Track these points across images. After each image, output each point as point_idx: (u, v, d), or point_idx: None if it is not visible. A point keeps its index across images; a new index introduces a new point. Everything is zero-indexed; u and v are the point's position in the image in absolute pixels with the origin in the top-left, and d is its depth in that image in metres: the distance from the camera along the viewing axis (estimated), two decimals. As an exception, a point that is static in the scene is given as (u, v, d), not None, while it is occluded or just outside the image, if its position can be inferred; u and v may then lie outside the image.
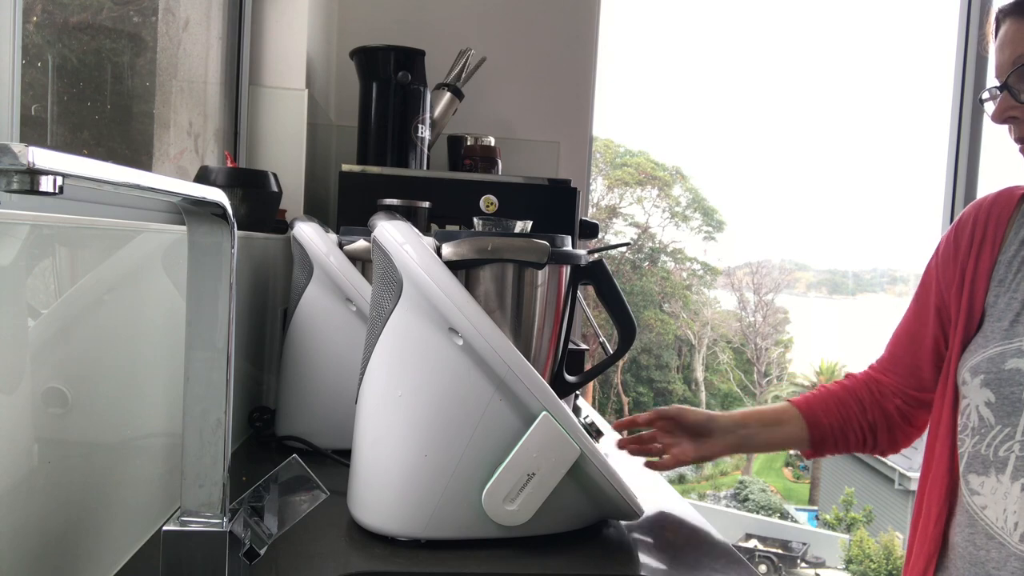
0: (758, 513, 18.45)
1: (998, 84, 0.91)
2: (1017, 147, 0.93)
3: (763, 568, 15.32)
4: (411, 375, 0.86)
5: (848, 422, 1.09)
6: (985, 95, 0.95)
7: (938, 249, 1.04)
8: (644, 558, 0.89)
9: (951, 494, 0.96)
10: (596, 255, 1.09)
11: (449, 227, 1.43)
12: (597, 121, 2.33)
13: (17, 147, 0.35)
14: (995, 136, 1.00)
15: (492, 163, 1.84)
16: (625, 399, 24.13)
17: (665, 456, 1.07)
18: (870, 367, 1.14)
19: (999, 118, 0.91)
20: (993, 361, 0.89)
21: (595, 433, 0.95)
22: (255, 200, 1.29)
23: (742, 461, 23.79)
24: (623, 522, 0.98)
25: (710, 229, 26.52)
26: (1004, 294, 0.93)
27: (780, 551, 15.91)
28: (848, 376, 1.16)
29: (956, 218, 1.04)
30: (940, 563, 0.96)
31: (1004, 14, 0.91)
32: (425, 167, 1.74)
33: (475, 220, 1.10)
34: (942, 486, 0.96)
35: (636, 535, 0.95)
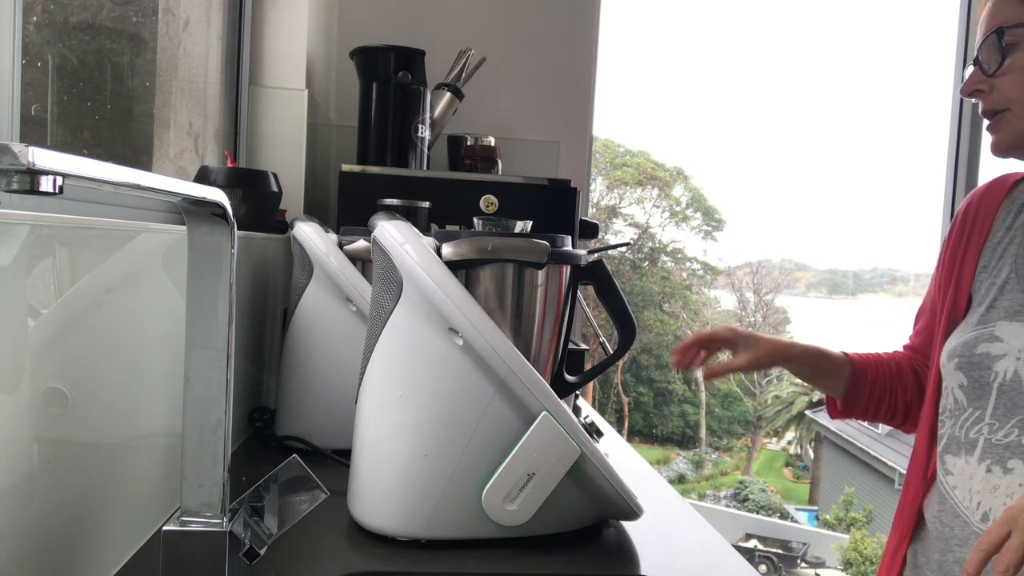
0: (758, 513, 18.45)
1: (973, 62, 0.93)
2: (985, 122, 0.94)
3: (763, 568, 15.31)
4: (411, 375, 0.86)
5: (891, 394, 1.09)
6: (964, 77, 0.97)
7: (949, 232, 1.06)
8: (644, 558, 0.89)
9: (928, 474, 0.99)
10: (596, 255, 1.09)
11: (449, 227, 1.43)
12: (597, 121, 2.33)
13: (17, 147, 0.35)
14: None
15: (492, 163, 1.84)
16: (625, 399, 24.13)
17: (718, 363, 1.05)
18: (905, 345, 1.14)
19: (966, 91, 0.93)
20: (967, 345, 0.92)
21: (595, 433, 0.95)
22: (255, 200, 1.29)
23: (742, 461, 23.79)
24: (623, 522, 0.98)
25: (710, 229, 26.53)
26: (986, 280, 0.95)
27: (780, 551, 15.91)
28: (897, 353, 1.14)
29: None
30: (915, 538, 0.99)
31: None
32: (425, 167, 1.74)
33: (475, 220, 1.10)
34: (920, 466, 0.99)
35: (636, 535, 0.95)
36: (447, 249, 0.89)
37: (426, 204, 1.38)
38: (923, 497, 0.98)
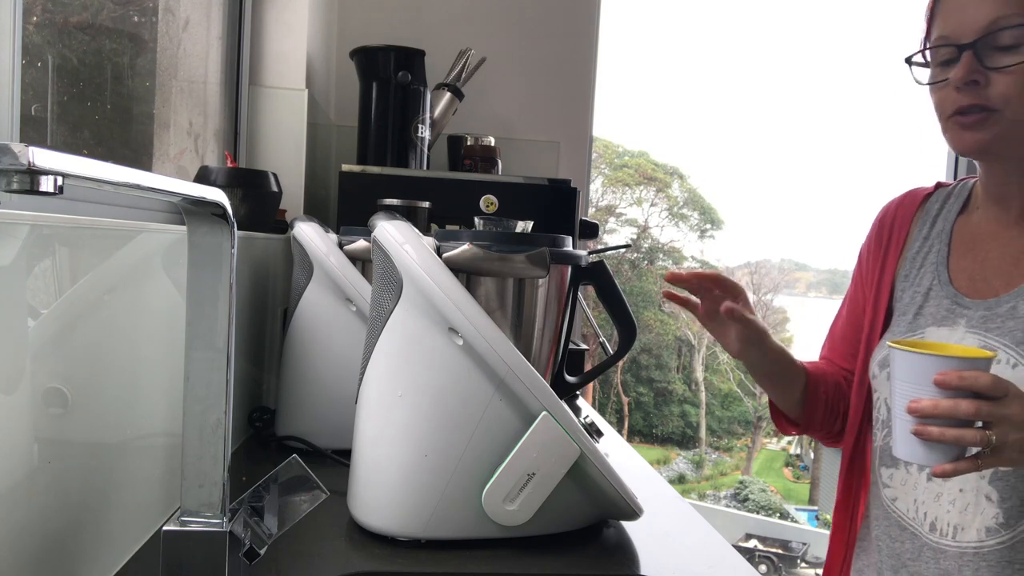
0: (758, 513, 18.44)
1: (956, 44, 0.83)
2: (956, 119, 0.85)
3: (763, 568, 15.30)
4: (411, 375, 0.86)
5: (840, 410, 1.04)
6: (920, 58, 0.88)
7: (865, 246, 1.04)
8: (644, 558, 0.89)
9: (865, 488, 0.97)
10: (596, 256, 1.08)
11: (449, 227, 1.43)
12: (597, 121, 2.33)
13: (17, 147, 0.35)
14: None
15: (492, 163, 1.84)
16: (625, 399, 24.13)
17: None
18: (823, 357, 1.09)
19: (964, 78, 0.82)
20: None
21: (595, 433, 0.95)
22: (255, 200, 1.29)
23: (742, 461, 23.79)
24: (623, 522, 0.98)
25: (708, 228, 26.53)
26: (908, 288, 0.95)
27: (780, 551, 15.90)
28: (825, 364, 1.08)
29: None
30: (859, 555, 0.96)
31: None
32: (425, 167, 1.74)
33: (475, 220, 1.10)
34: (859, 480, 0.97)
35: (636, 535, 0.95)
36: (448, 255, 0.89)
37: (426, 204, 1.38)
38: (865, 512, 0.96)
